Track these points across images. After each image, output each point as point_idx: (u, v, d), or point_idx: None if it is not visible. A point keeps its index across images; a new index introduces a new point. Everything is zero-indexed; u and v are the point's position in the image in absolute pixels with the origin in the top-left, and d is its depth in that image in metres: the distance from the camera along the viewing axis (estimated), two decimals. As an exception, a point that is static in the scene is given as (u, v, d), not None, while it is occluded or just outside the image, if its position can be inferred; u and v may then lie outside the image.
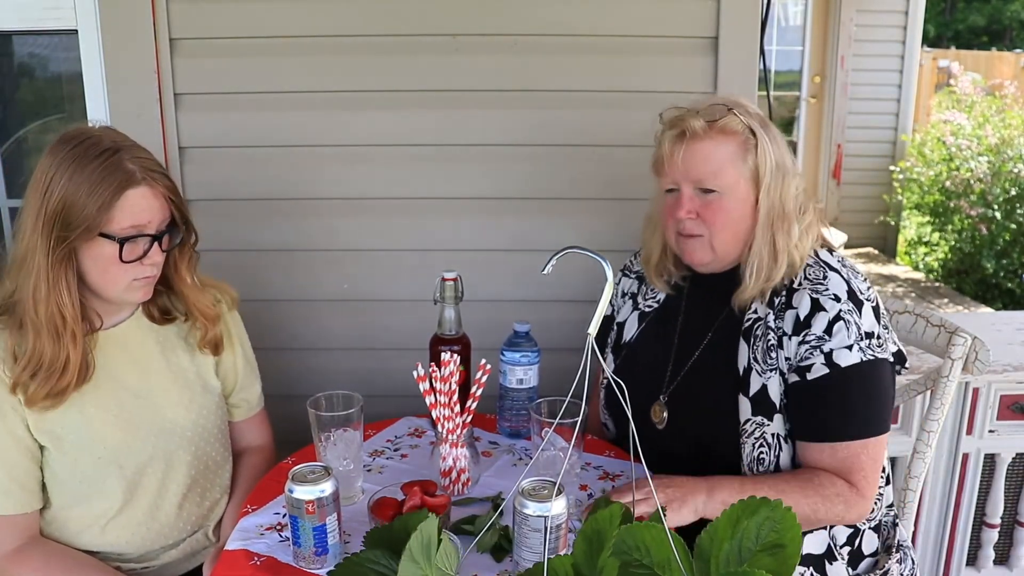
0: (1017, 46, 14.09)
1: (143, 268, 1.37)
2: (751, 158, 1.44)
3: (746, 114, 1.45)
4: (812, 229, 1.49)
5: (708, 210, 1.46)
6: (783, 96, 6.96)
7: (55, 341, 1.32)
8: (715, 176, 1.44)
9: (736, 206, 1.45)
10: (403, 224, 2.02)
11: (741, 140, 1.44)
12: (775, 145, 1.46)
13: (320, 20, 1.90)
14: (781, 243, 1.45)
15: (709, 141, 1.44)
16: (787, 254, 1.45)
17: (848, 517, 1.42)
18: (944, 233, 6.05)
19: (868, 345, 1.39)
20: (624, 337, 1.68)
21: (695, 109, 1.47)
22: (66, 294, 1.31)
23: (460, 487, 1.45)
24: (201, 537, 1.56)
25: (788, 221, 1.45)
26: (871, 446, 1.40)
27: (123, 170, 1.31)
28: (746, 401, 1.44)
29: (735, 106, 1.46)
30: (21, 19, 1.96)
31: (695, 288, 1.60)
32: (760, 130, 1.45)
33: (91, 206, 1.29)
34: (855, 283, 1.44)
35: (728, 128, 1.44)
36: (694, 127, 1.44)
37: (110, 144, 1.33)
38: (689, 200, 1.46)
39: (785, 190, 1.45)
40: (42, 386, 1.32)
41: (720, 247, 1.48)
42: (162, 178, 1.37)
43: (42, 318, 1.31)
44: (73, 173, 1.29)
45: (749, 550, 0.94)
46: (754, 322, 1.47)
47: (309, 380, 1.97)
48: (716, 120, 1.43)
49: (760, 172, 1.44)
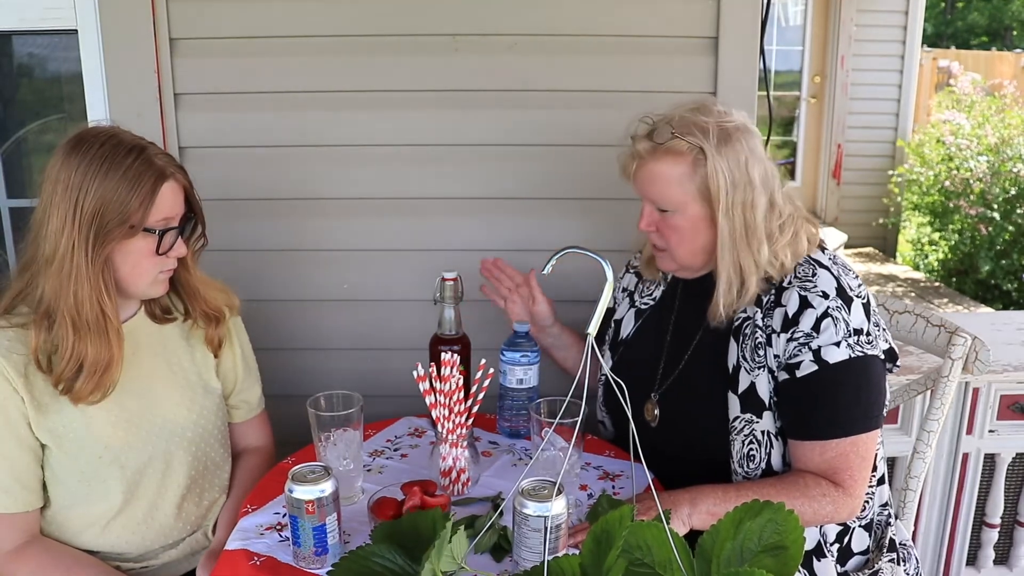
0: (1017, 46, 14.09)
1: (168, 261, 1.42)
2: (700, 178, 1.42)
3: (699, 132, 1.41)
4: (797, 242, 1.46)
5: (664, 225, 1.49)
6: (783, 96, 6.95)
7: (101, 339, 1.34)
8: (662, 196, 1.46)
9: (688, 224, 1.46)
10: (403, 224, 2.01)
11: (689, 160, 1.42)
12: (733, 162, 1.41)
13: (320, 20, 1.90)
14: (747, 264, 1.43)
15: (656, 163, 1.45)
16: (755, 275, 1.43)
17: (838, 516, 1.42)
18: (944, 233, 6.05)
19: (857, 342, 1.39)
20: (621, 334, 1.68)
21: (651, 127, 1.46)
22: (106, 292, 1.35)
23: (460, 487, 1.45)
24: (200, 537, 1.56)
25: (754, 240, 1.42)
26: (860, 444, 1.40)
27: (155, 166, 1.35)
28: (735, 398, 1.45)
29: (686, 126, 1.42)
30: (21, 19, 1.95)
31: (687, 287, 1.61)
32: (713, 149, 1.40)
33: (133, 202, 1.32)
34: (844, 280, 1.43)
35: (673, 150, 1.43)
36: (640, 150, 1.46)
37: (134, 142, 1.37)
38: (649, 215, 1.50)
39: (749, 207, 1.42)
40: (88, 382, 1.35)
41: (680, 260, 1.52)
42: (182, 171, 1.42)
43: (86, 317, 1.33)
44: (108, 172, 1.31)
45: (751, 551, 0.95)
46: (743, 321, 1.47)
47: (309, 380, 1.97)
48: (661, 143, 1.43)
49: (712, 189, 1.41)
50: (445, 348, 1.59)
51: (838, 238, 6.49)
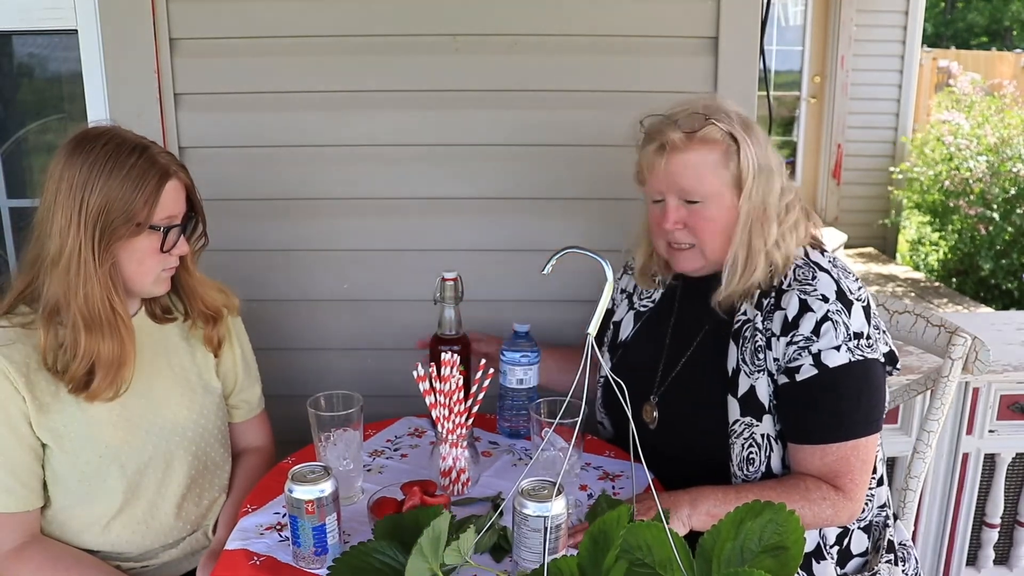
0: (1017, 46, 14.09)
1: (171, 258, 1.43)
2: (733, 165, 1.42)
3: (726, 119, 1.43)
4: (798, 228, 1.47)
5: (694, 219, 1.46)
6: (783, 96, 6.94)
7: (113, 336, 1.35)
8: (698, 187, 1.43)
9: (721, 214, 1.44)
10: (403, 224, 2.01)
11: (723, 148, 1.42)
12: (758, 147, 1.43)
13: (320, 20, 1.90)
14: (757, 244, 1.43)
15: (689, 153, 1.42)
16: (764, 254, 1.43)
17: (838, 520, 1.42)
18: (944, 233, 6.05)
19: (857, 345, 1.38)
20: (620, 336, 1.68)
21: (673, 118, 1.45)
22: (115, 290, 1.35)
23: (460, 487, 1.45)
24: (200, 536, 1.56)
25: (767, 221, 1.44)
26: (861, 447, 1.39)
27: (158, 164, 1.36)
28: (735, 402, 1.45)
29: (714, 112, 1.43)
30: (21, 19, 1.95)
31: (687, 289, 1.60)
32: (742, 134, 1.42)
33: (138, 200, 1.33)
34: (844, 283, 1.43)
35: (708, 138, 1.42)
36: (673, 139, 1.42)
37: (136, 141, 1.38)
38: (675, 211, 1.46)
39: (768, 191, 1.44)
40: (103, 380, 1.35)
41: (711, 255, 1.48)
42: (184, 170, 1.43)
43: (97, 316, 1.33)
44: (112, 170, 1.32)
45: (751, 551, 0.95)
46: (743, 324, 1.47)
47: (309, 380, 1.97)
48: (695, 131, 1.42)
49: (743, 177, 1.42)
50: (445, 348, 1.59)
51: (838, 238, 6.48)
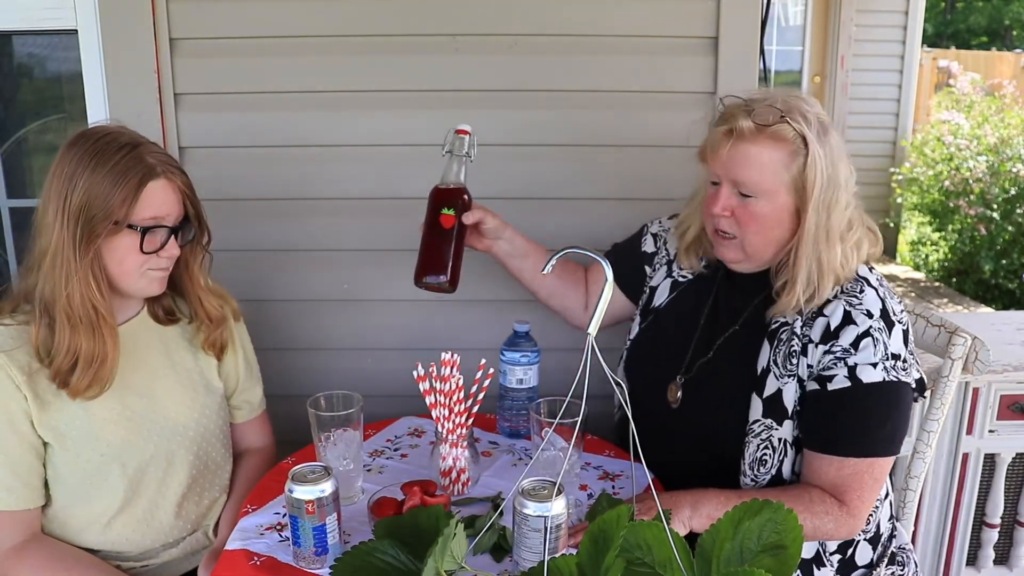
0: (1017, 46, 14.10)
1: (159, 260, 1.41)
2: (796, 168, 1.37)
3: (802, 120, 1.37)
4: (861, 247, 1.44)
5: (743, 212, 1.42)
6: (783, 96, 6.94)
7: (92, 334, 1.34)
8: (754, 181, 1.39)
9: (772, 213, 1.41)
10: (403, 224, 2.01)
11: (791, 149, 1.37)
12: (830, 157, 1.38)
13: (320, 20, 1.90)
14: (825, 261, 1.39)
15: (755, 145, 1.38)
16: (833, 274, 1.40)
17: (837, 535, 1.41)
18: (944, 233, 6.05)
19: (893, 366, 1.37)
20: (654, 302, 1.65)
21: (749, 106, 1.39)
22: (96, 288, 1.34)
23: (460, 487, 1.45)
24: (201, 536, 1.56)
25: (833, 239, 1.39)
26: (877, 467, 1.39)
27: (144, 163, 1.35)
28: (758, 401, 1.44)
29: (792, 110, 1.37)
30: (21, 19, 1.95)
31: (728, 277, 1.57)
32: (815, 140, 1.36)
33: (116, 198, 1.32)
34: (890, 303, 1.41)
35: (778, 135, 1.37)
36: (742, 128, 1.37)
37: (129, 139, 1.37)
38: (726, 198, 1.42)
39: (834, 205, 1.39)
40: (83, 377, 1.35)
41: (751, 250, 1.45)
42: (179, 173, 1.41)
43: (78, 313, 1.33)
44: (96, 167, 1.32)
45: (750, 550, 0.95)
46: (780, 325, 1.45)
47: (309, 380, 1.97)
48: (767, 124, 1.37)
49: (807, 184, 1.37)
50: (445, 204, 1.55)
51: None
